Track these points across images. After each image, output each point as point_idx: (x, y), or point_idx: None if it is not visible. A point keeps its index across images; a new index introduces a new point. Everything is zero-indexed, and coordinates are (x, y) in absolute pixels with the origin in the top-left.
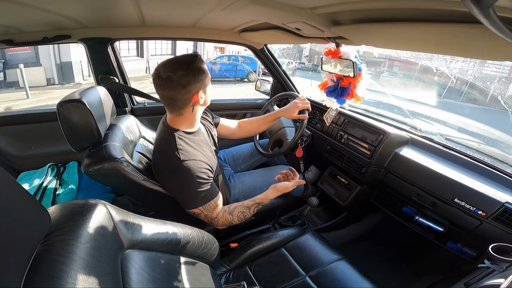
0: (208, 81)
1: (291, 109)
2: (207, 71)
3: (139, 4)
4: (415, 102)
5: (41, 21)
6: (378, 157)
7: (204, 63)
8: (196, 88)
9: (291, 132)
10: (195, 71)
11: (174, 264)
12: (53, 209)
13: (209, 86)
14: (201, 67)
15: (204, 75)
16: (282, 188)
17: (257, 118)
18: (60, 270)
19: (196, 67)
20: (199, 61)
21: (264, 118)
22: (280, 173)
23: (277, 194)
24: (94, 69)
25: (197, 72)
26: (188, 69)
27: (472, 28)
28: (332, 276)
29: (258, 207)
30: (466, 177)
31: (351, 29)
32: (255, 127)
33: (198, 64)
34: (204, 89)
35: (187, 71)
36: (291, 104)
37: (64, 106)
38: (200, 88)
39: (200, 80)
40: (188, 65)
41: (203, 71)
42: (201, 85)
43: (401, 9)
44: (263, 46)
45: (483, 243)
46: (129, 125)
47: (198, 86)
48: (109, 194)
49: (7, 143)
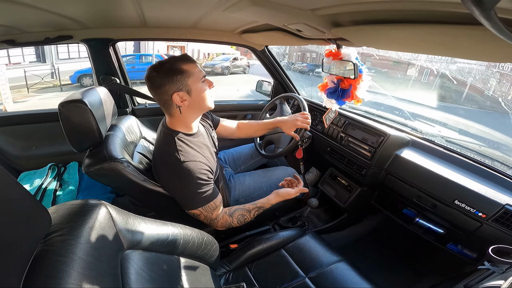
0: (194, 81)
1: (289, 125)
2: (186, 72)
3: (141, 5)
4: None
5: (43, 22)
6: (378, 159)
7: (186, 63)
8: (171, 89)
9: (285, 141)
10: (167, 72)
11: (173, 265)
12: (53, 209)
13: (198, 88)
14: (175, 68)
15: (182, 75)
16: (284, 194)
17: (257, 123)
18: (60, 270)
19: (169, 68)
20: (176, 62)
21: (263, 124)
22: (285, 179)
23: (279, 199)
24: (95, 69)
25: (170, 72)
26: (161, 70)
27: (473, 29)
28: (332, 278)
29: (258, 211)
30: (467, 179)
31: (352, 31)
32: (253, 131)
33: (171, 65)
34: (187, 90)
35: (159, 72)
36: (292, 119)
37: (65, 106)
38: (178, 89)
39: (175, 81)
40: (162, 66)
41: (178, 72)
42: (178, 86)
43: (402, 10)
44: (264, 48)
45: (483, 244)
46: (130, 125)
47: (174, 87)
48: (110, 194)
49: (8, 143)
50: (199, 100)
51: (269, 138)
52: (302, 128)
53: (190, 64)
